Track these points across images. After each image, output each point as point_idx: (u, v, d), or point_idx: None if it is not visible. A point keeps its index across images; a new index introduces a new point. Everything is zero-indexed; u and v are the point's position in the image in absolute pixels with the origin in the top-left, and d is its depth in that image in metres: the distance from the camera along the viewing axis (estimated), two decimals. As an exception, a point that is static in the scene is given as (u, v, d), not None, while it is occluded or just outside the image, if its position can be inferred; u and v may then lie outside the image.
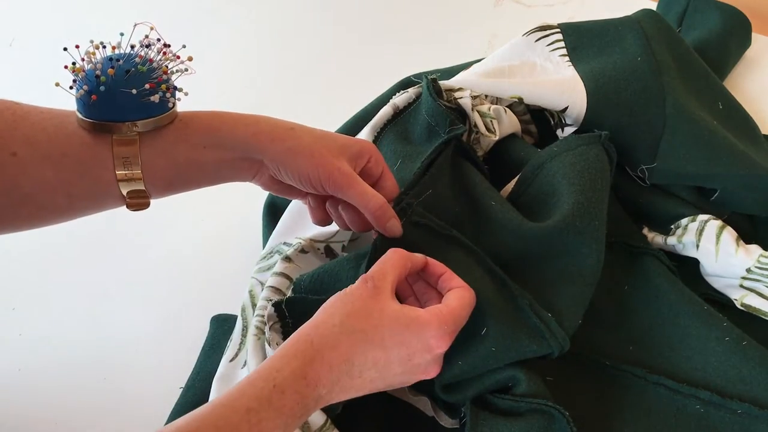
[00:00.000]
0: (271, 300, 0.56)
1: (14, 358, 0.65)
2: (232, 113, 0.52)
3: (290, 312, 0.54)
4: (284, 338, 0.54)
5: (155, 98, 0.47)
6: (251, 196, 0.72)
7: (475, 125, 0.64)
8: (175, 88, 0.49)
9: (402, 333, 0.46)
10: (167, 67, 0.48)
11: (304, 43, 0.94)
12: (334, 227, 0.61)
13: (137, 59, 0.47)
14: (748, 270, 0.58)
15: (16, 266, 0.72)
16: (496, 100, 0.67)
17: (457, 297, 0.50)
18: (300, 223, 0.64)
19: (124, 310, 0.68)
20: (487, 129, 0.64)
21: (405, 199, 0.55)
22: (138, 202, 0.50)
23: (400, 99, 0.67)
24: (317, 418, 0.50)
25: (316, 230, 0.63)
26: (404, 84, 0.75)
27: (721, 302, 0.61)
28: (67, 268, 0.71)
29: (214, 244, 0.72)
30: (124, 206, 0.51)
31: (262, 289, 0.58)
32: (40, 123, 0.48)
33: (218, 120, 0.51)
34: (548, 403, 0.50)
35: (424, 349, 0.47)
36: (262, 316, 0.55)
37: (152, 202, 0.52)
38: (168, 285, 0.69)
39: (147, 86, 0.47)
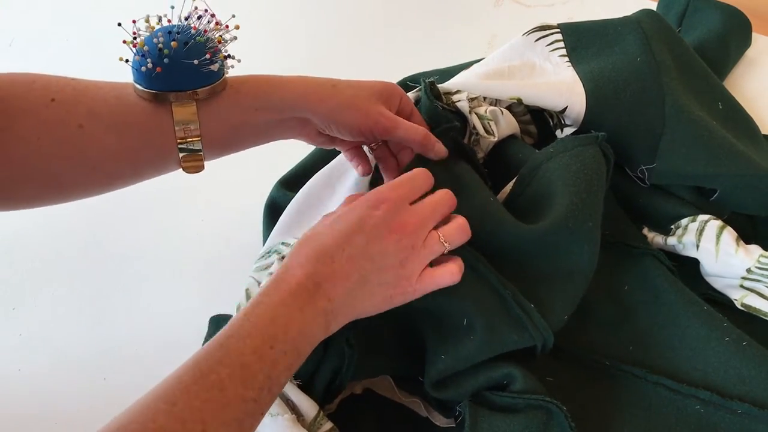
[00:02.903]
0: None
1: (14, 358, 0.65)
2: (279, 77, 0.56)
3: None
4: None
5: (215, 67, 0.50)
6: (252, 196, 0.72)
7: (474, 127, 0.64)
8: (229, 55, 0.53)
9: (345, 215, 0.50)
10: (221, 36, 0.51)
11: (304, 42, 0.94)
12: None
13: (192, 31, 0.50)
14: (748, 270, 0.58)
15: (16, 266, 0.72)
16: (495, 102, 0.67)
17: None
18: (299, 224, 0.64)
19: (124, 310, 0.68)
20: (486, 131, 0.64)
21: None
22: (193, 165, 0.53)
23: None
24: (309, 409, 0.50)
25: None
26: (403, 85, 0.75)
27: (721, 302, 0.61)
28: (67, 269, 0.71)
29: (214, 244, 0.72)
30: (180, 170, 0.54)
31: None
32: (101, 96, 0.50)
33: (267, 84, 0.55)
34: (546, 398, 0.50)
35: (371, 206, 0.50)
36: None
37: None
38: (168, 285, 0.69)
39: (207, 56, 0.50)
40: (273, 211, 0.69)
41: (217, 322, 0.63)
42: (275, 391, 0.44)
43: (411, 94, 0.67)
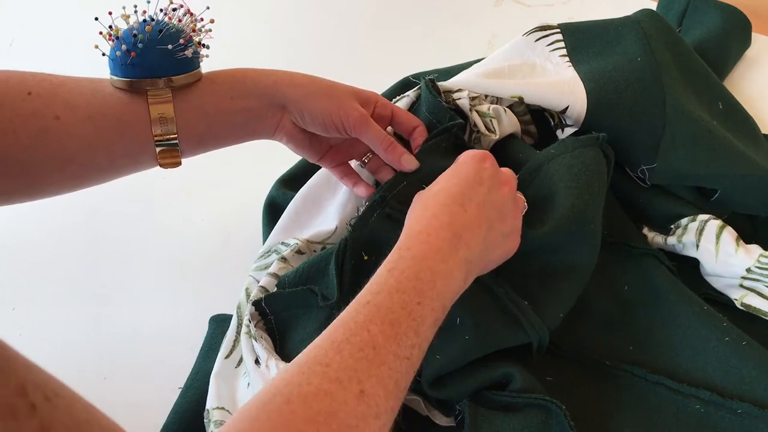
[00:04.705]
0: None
1: (14, 358, 0.65)
2: (253, 68, 0.57)
3: (270, 308, 0.55)
4: (269, 334, 0.55)
5: (189, 52, 0.51)
6: (251, 195, 0.72)
7: (475, 125, 0.64)
8: (203, 45, 0.53)
9: (457, 170, 0.51)
10: (195, 24, 0.52)
11: (304, 42, 0.94)
12: (331, 226, 0.62)
13: (167, 19, 0.51)
14: (748, 270, 0.58)
15: (16, 266, 0.72)
16: (497, 100, 0.67)
17: None
18: (298, 224, 0.64)
19: (124, 310, 0.68)
20: (487, 129, 0.64)
21: (379, 192, 0.56)
22: (171, 161, 0.53)
23: (402, 104, 0.66)
24: None
25: (313, 231, 0.63)
26: (403, 84, 0.74)
27: (721, 302, 0.61)
28: (67, 268, 0.71)
29: (214, 244, 0.72)
30: (157, 166, 0.54)
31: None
32: (77, 88, 0.51)
33: (241, 73, 0.56)
34: (545, 397, 0.50)
35: (479, 159, 0.52)
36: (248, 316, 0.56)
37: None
38: (168, 285, 0.69)
39: (181, 41, 0.51)
40: (272, 209, 0.69)
41: (217, 321, 0.64)
42: (424, 348, 0.43)
43: (413, 93, 0.67)
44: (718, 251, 0.60)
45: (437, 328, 0.44)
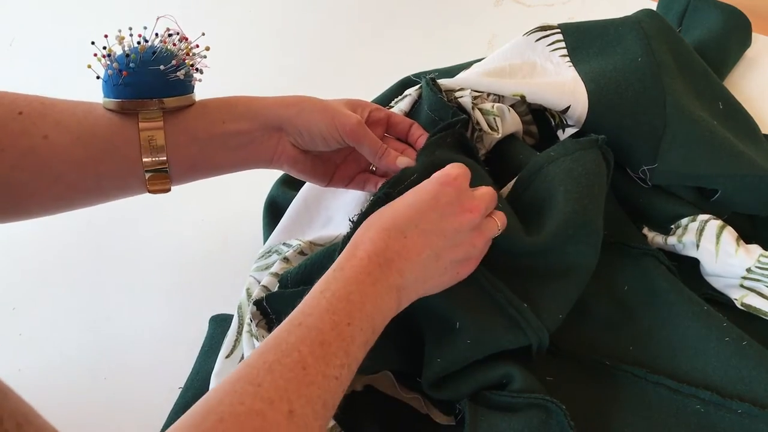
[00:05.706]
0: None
1: (14, 358, 0.65)
2: (245, 95, 0.56)
3: (271, 308, 0.55)
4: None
5: (181, 74, 0.51)
6: (252, 195, 0.72)
7: (477, 123, 0.64)
8: (197, 69, 0.53)
9: (417, 190, 0.50)
10: (190, 48, 0.52)
11: (304, 43, 0.94)
12: (335, 231, 0.61)
13: (162, 44, 0.51)
14: (749, 270, 0.58)
15: (16, 266, 0.72)
16: (499, 99, 0.67)
17: None
18: (300, 225, 0.64)
19: (124, 310, 0.68)
20: (490, 127, 0.64)
21: (384, 188, 0.56)
22: (159, 188, 0.53)
23: (404, 103, 0.66)
24: None
25: (316, 233, 0.63)
26: (404, 84, 0.75)
27: (721, 302, 0.60)
28: (67, 268, 0.71)
29: (214, 244, 0.72)
30: (146, 192, 0.54)
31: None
32: (68, 109, 0.51)
33: (233, 99, 0.55)
34: (545, 397, 0.50)
35: (443, 183, 0.50)
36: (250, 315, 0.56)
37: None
38: (168, 285, 0.69)
39: (173, 62, 0.50)
40: (273, 209, 0.69)
41: (217, 322, 0.64)
42: (353, 368, 0.44)
43: (414, 92, 0.67)
44: (718, 251, 0.60)
45: (368, 348, 0.45)
